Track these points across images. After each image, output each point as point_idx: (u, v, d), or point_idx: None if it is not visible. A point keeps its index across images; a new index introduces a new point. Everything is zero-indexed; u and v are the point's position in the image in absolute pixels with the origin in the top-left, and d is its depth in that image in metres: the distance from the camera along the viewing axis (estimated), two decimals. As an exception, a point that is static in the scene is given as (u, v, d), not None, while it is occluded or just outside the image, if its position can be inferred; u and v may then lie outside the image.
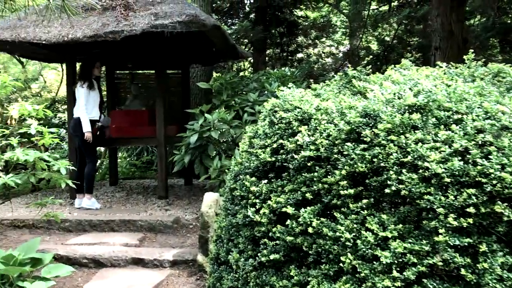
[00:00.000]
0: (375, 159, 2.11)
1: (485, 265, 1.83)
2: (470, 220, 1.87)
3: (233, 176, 2.77)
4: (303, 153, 2.31)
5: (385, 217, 2.02)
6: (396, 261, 1.93)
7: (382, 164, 2.09)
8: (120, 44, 5.46)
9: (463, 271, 1.85)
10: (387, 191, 2.04)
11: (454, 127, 2.09)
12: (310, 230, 2.15)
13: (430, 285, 1.88)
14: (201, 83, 5.38)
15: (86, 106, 5.34)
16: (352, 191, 2.12)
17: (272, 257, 2.29)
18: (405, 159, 2.05)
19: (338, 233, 2.07)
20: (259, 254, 2.37)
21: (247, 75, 9.84)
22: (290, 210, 2.25)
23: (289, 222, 2.26)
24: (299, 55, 14.07)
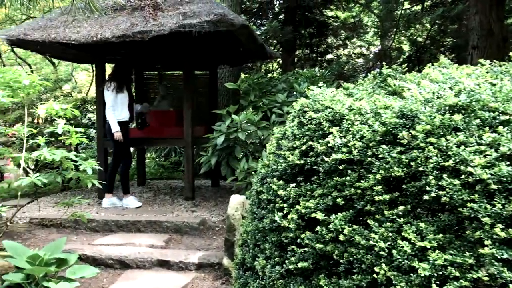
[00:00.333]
0: (412, 163, 1.96)
1: (537, 281, 1.66)
2: (520, 231, 1.71)
3: (259, 178, 2.67)
4: (334, 155, 2.18)
5: (423, 225, 1.87)
6: (435, 274, 1.77)
7: (421, 169, 1.93)
8: (149, 44, 5.46)
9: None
10: (425, 197, 1.88)
11: (500, 129, 1.92)
12: (341, 237, 2.01)
13: (473, 302, 1.72)
14: (228, 83, 5.30)
15: (113, 107, 5.39)
16: (387, 197, 1.98)
17: (300, 265, 2.17)
18: (446, 163, 1.89)
19: (371, 242, 1.93)
20: (286, 261, 2.25)
21: (276, 76, 9.74)
22: (319, 216, 2.12)
23: (318, 228, 2.13)
24: (329, 56, 13.84)
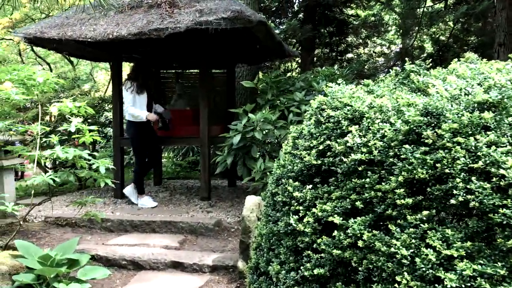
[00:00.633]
0: (438, 164, 1.81)
1: None
2: (558, 241, 1.55)
3: (275, 179, 2.55)
4: (353, 156, 2.05)
5: (449, 232, 1.72)
6: (463, 286, 1.63)
7: (447, 171, 1.79)
8: (165, 42, 5.40)
9: (548, 301, 1.53)
10: (452, 202, 1.74)
11: (536, 128, 1.77)
12: (360, 243, 1.88)
13: (505, 317, 1.58)
14: (245, 81, 5.19)
15: (134, 105, 5.41)
16: (410, 200, 1.84)
17: (316, 271, 2.04)
18: (475, 165, 1.74)
19: (393, 249, 1.79)
20: (302, 267, 2.13)
21: (295, 76, 9.60)
22: (337, 219, 1.99)
23: (336, 233, 2.00)
24: (349, 55, 13.63)
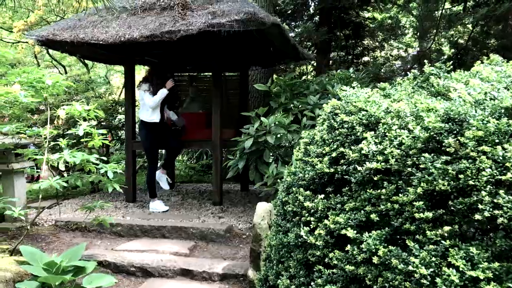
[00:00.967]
0: (461, 176, 1.67)
1: None
2: None
3: (285, 187, 2.43)
4: (368, 164, 1.91)
5: (474, 250, 1.58)
6: (489, 310, 1.49)
7: (471, 182, 1.64)
8: (178, 45, 5.33)
9: None
10: (477, 217, 1.60)
11: None
12: (375, 259, 1.75)
13: None
14: (258, 84, 5.09)
15: (146, 107, 5.37)
16: (430, 214, 1.70)
17: None
18: (502, 177, 1.59)
19: (411, 267, 1.65)
20: (312, 282, 2.00)
21: (310, 79, 9.46)
22: (350, 233, 1.86)
23: (349, 247, 1.87)
24: (365, 58, 13.44)
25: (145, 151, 5.68)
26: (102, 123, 7.17)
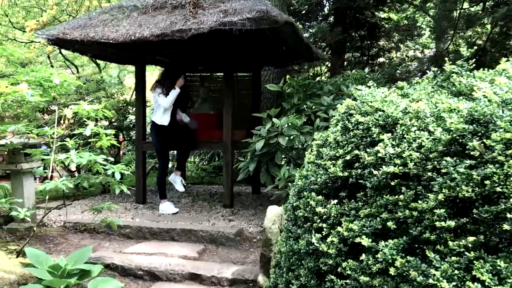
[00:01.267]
0: (487, 182, 1.54)
1: None
2: None
3: (296, 191, 2.31)
4: (385, 168, 1.79)
5: (502, 264, 1.45)
6: (518, 329, 1.36)
7: (498, 189, 1.51)
8: (189, 45, 5.25)
9: None
10: (505, 227, 1.46)
11: None
12: (392, 271, 1.62)
13: None
14: (270, 85, 4.97)
15: (158, 109, 5.34)
16: (453, 223, 1.56)
17: (340, 299, 1.80)
18: (533, 184, 1.46)
19: (431, 280, 1.52)
20: (324, 293, 1.89)
21: (324, 80, 9.32)
22: (365, 241, 1.74)
23: (364, 257, 1.74)
24: (381, 60, 13.24)
25: (156, 152, 5.70)
26: (114, 123, 7.14)
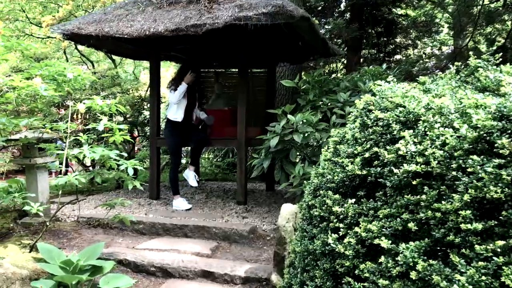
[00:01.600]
0: (517, 182, 1.45)
1: None
2: None
3: (312, 190, 2.24)
4: (406, 166, 1.71)
5: (533, 270, 1.36)
6: None
7: (530, 190, 1.43)
8: (204, 40, 5.20)
9: None
10: (537, 230, 1.38)
11: None
12: (413, 274, 1.54)
13: None
14: (285, 80, 4.88)
15: (172, 105, 5.37)
16: (480, 225, 1.48)
17: (357, 302, 1.72)
18: None
19: (456, 286, 1.44)
20: (340, 296, 1.82)
21: (339, 77, 9.20)
22: (385, 243, 1.66)
23: (383, 259, 1.67)
24: (397, 57, 13.03)
25: (168, 148, 5.71)
26: (128, 119, 7.13)
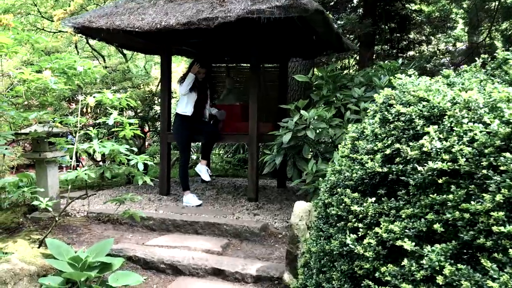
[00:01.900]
0: (555, 181, 1.35)
1: None
2: None
3: (328, 187, 2.14)
4: (431, 164, 1.61)
5: None
6: None
7: None
8: (216, 34, 5.12)
9: None
10: None
11: None
12: (440, 279, 1.44)
13: None
14: (298, 75, 4.78)
15: (182, 99, 5.34)
16: (513, 228, 1.38)
17: (378, 307, 1.63)
18: None
19: (487, 292, 1.35)
20: (359, 299, 1.73)
21: (352, 73, 9.06)
22: (408, 245, 1.56)
23: (406, 262, 1.57)
24: (411, 53, 12.83)
25: (177, 143, 5.67)
26: (139, 114, 7.09)
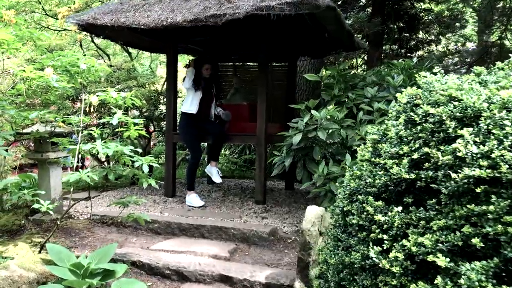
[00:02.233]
0: None
1: None
2: None
3: (347, 194, 1.98)
4: (466, 171, 1.45)
5: None
6: None
7: None
8: (223, 31, 4.97)
9: None
10: None
11: None
12: (480, 301, 1.29)
13: None
14: (308, 74, 4.62)
15: (187, 97, 5.27)
16: None
17: (406, 329, 1.48)
18: None
19: (537, 318, 1.19)
20: (385, 319, 1.57)
21: (360, 73, 8.89)
22: (441, 261, 1.40)
23: (439, 280, 1.41)
24: (419, 52, 12.63)
25: (184, 142, 5.63)
26: (144, 113, 6.96)
